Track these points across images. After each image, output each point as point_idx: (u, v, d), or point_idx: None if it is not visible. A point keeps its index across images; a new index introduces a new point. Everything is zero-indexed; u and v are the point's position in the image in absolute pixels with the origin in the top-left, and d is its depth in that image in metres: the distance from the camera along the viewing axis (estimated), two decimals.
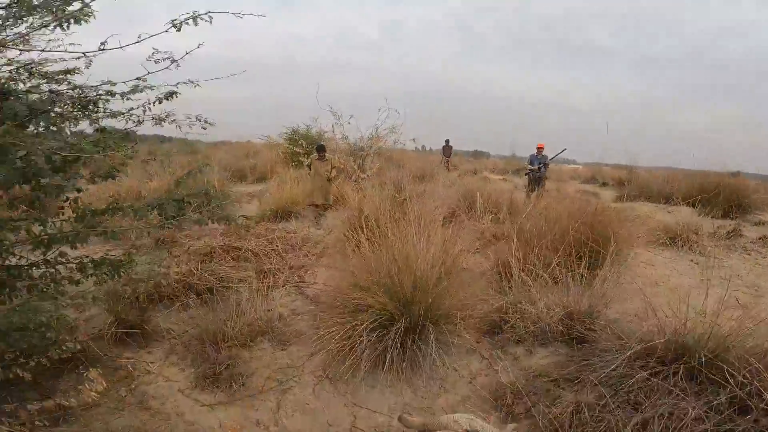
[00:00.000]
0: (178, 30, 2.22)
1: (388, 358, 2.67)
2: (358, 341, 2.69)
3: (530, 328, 3.02)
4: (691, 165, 10.70)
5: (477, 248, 4.81)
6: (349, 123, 9.55)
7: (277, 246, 5.21)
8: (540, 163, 8.83)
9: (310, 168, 7.48)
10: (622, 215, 4.81)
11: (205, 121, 2.73)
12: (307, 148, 11.59)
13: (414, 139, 9.93)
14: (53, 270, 2.33)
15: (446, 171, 13.87)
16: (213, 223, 2.61)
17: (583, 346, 2.83)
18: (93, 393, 2.48)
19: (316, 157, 7.26)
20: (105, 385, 2.58)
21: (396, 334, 2.71)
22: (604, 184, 14.43)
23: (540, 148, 8.97)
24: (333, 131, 9.59)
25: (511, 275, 3.53)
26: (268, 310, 3.47)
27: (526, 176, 9.25)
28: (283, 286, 4.07)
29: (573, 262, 3.57)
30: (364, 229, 4.62)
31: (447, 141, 17.06)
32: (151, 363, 2.90)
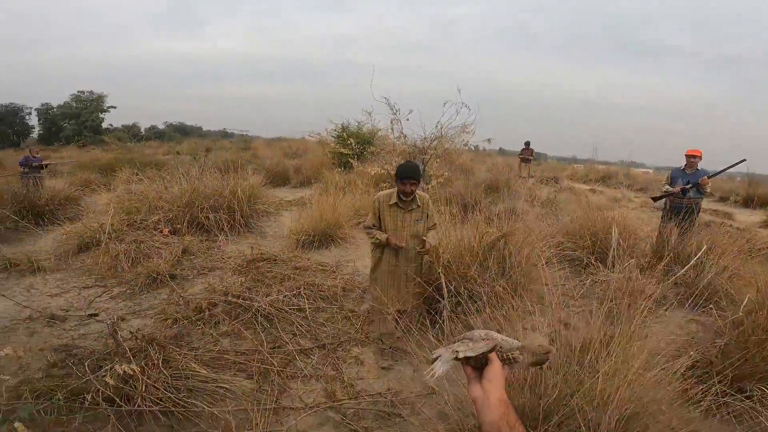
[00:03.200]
0: None
1: None
2: None
3: None
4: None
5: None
6: (407, 119, 7.74)
7: (305, 299, 3.53)
8: (689, 183, 5.00)
9: (378, 223, 3.06)
10: None
11: None
12: (356, 149, 9.95)
13: (489, 140, 7.95)
14: None
15: (523, 178, 11.59)
16: None
17: None
18: None
19: (388, 198, 3.01)
20: None
21: None
22: (724, 199, 11.48)
23: (692, 157, 5.08)
24: (391, 129, 7.80)
25: None
26: None
27: (665, 200, 5.37)
28: (308, 408, 2.33)
29: None
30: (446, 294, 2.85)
31: (527, 144, 13.72)
32: None
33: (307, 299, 3.51)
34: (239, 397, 2.17)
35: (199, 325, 3.07)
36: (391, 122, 7.48)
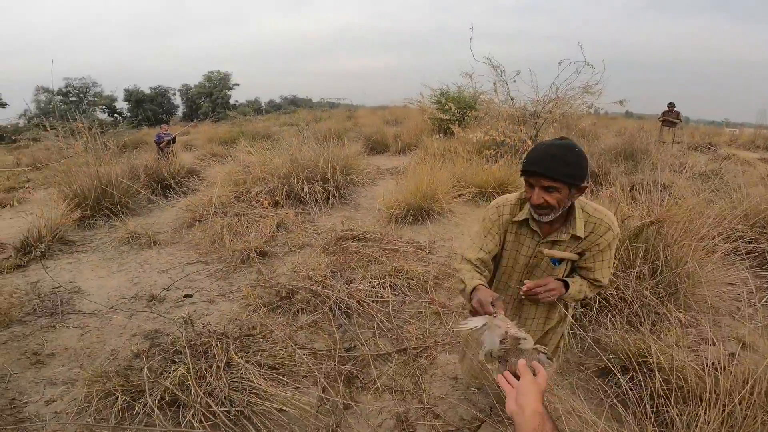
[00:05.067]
0: None
1: None
2: None
3: None
4: None
5: None
6: (514, 81, 6.67)
7: (390, 287, 3.13)
8: None
9: (496, 250, 1.54)
10: None
11: None
12: (457, 114, 9.09)
13: (622, 102, 6.47)
14: None
15: (664, 144, 9.49)
16: None
17: None
18: None
19: (516, 209, 1.51)
20: None
21: None
22: None
23: None
24: (495, 91, 6.83)
25: None
26: None
27: None
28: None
29: None
30: None
31: (671, 105, 11.08)
32: None
33: (392, 289, 3.10)
34: (295, 419, 1.86)
35: (278, 314, 2.89)
36: (495, 84, 6.51)
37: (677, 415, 1.73)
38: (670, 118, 10.88)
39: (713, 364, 1.86)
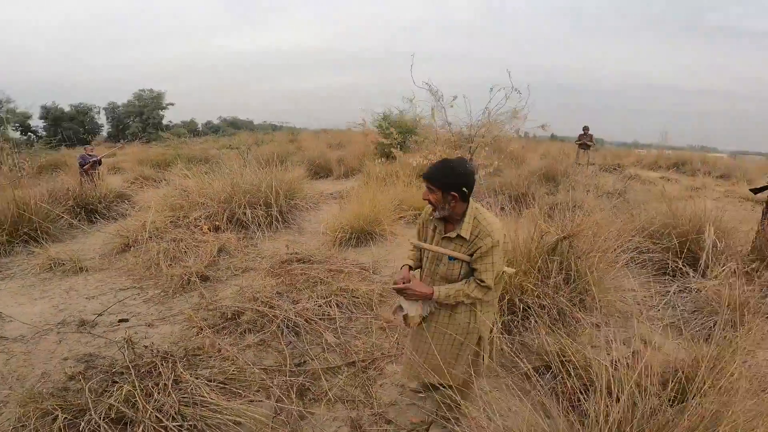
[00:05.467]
0: None
1: None
2: None
3: None
4: None
5: None
6: (451, 106, 7.19)
7: (336, 305, 3.24)
8: None
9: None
10: None
11: None
12: (398, 138, 9.52)
13: (544, 126, 7.20)
14: None
15: (580, 166, 10.63)
16: None
17: None
18: None
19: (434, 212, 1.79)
20: None
21: None
22: None
23: None
24: (432, 116, 7.29)
25: None
26: None
27: None
28: None
29: None
30: None
31: (586, 128, 12.31)
32: None
33: (339, 307, 3.21)
34: (251, 430, 1.89)
35: (224, 335, 2.87)
36: (432, 109, 6.97)
37: (592, 407, 2.00)
38: (585, 141, 12.20)
39: (617, 360, 2.17)
